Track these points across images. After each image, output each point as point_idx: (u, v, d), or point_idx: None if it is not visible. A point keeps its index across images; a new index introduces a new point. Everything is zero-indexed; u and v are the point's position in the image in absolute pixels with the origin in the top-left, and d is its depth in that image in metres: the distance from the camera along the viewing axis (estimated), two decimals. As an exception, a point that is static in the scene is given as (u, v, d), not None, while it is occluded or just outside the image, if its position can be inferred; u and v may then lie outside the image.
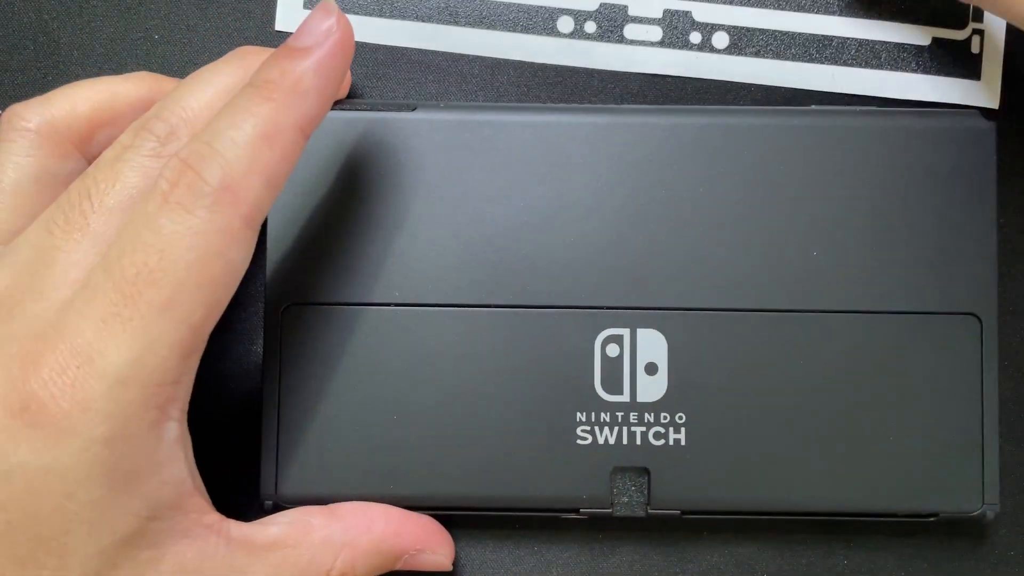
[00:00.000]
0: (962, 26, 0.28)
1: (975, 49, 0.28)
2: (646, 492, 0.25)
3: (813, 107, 0.27)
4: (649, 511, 0.25)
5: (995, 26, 0.28)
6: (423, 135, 0.26)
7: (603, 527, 0.27)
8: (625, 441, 0.25)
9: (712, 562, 0.27)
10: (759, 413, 0.25)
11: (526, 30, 0.28)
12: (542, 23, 0.28)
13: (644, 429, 0.25)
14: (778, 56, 0.28)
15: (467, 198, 0.26)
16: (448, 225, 0.26)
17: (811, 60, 0.28)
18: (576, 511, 0.26)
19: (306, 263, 0.26)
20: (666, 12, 0.28)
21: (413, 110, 0.26)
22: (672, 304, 0.26)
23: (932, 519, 0.26)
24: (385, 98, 0.28)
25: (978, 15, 0.28)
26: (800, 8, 0.28)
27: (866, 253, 0.26)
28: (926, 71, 0.28)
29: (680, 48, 0.28)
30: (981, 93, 0.28)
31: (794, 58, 0.28)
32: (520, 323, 0.26)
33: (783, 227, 0.26)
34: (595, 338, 0.26)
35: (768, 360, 0.26)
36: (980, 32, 0.28)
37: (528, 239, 0.26)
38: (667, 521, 0.26)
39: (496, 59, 0.28)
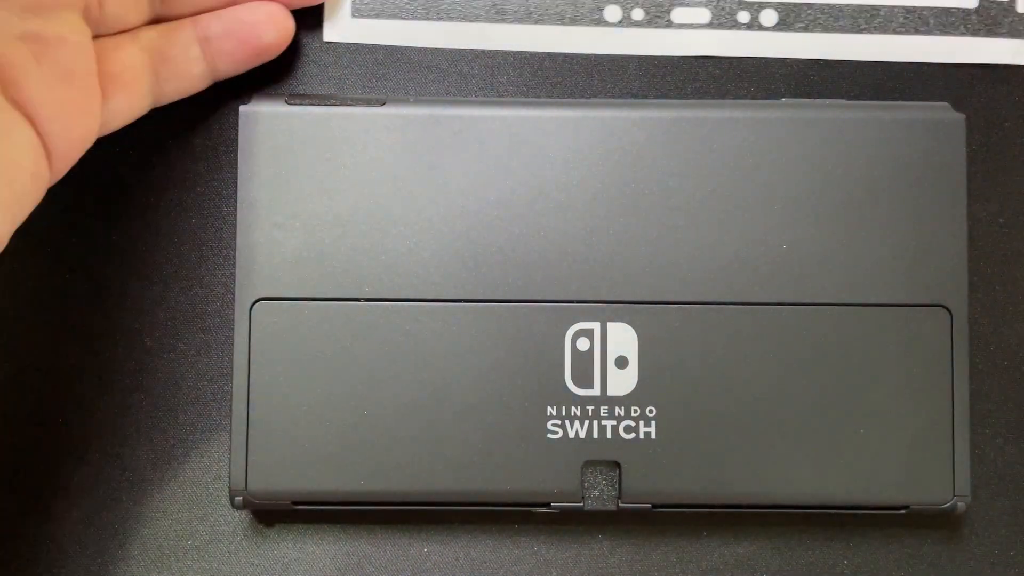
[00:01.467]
0: None
1: (1021, 8, 0.28)
2: (617, 486, 0.25)
3: (784, 100, 0.27)
4: (620, 505, 0.25)
5: None
6: (393, 129, 0.26)
7: (605, 526, 0.27)
8: (595, 435, 0.25)
9: (712, 562, 0.27)
10: (729, 406, 0.25)
11: (573, 22, 0.28)
12: (588, 14, 0.28)
13: (615, 423, 0.25)
14: (827, 29, 0.28)
15: (437, 193, 0.26)
16: (418, 220, 0.26)
17: (860, 31, 0.28)
18: (547, 505, 0.26)
19: (275, 258, 0.26)
20: None
21: (383, 104, 0.26)
22: (642, 298, 0.26)
23: (903, 511, 0.26)
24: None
25: None
26: (848, -22, 0.28)
27: (836, 246, 0.26)
28: (975, 33, 0.28)
29: (729, 28, 0.28)
30: None
31: (843, 30, 0.28)
32: (490, 317, 0.26)
33: (753, 220, 0.26)
34: (565, 332, 0.26)
35: (738, 353, 0.25)
36: None
37: (498, 234, 0.26)
38: (670, 520, 0.26)
39: (534, 53, 0.28)
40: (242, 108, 0.26)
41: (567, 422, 0.25)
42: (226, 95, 0.27)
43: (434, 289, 0.26)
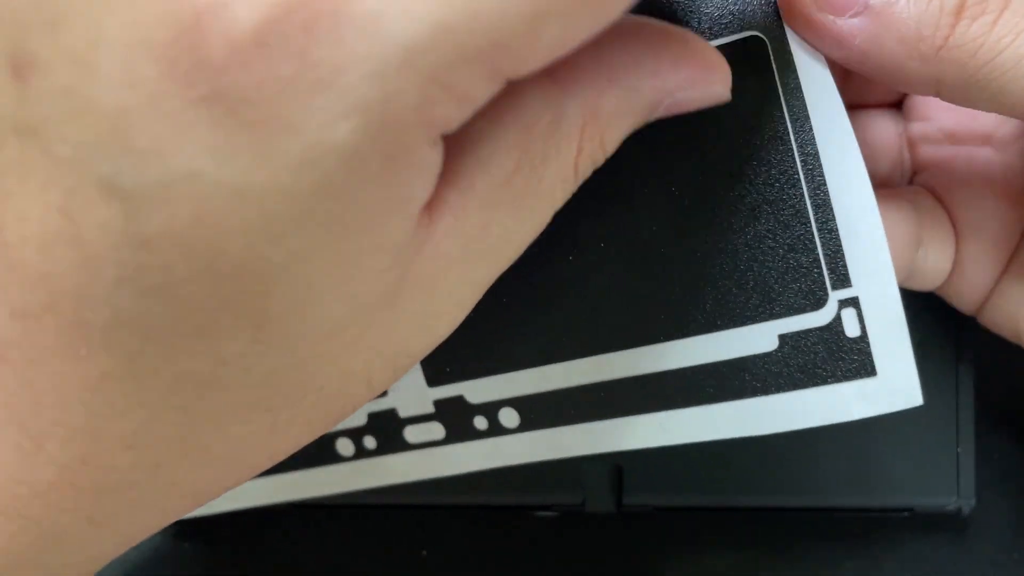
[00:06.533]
0: (820, 304, 0.19)
1: (852, 331, 0.19)
2: (618, 487, 0.25)
3: None
4: (621, 506, 0.25)
5: (875, 289, 0.18)
6: None
7: (606, 527, 0.27)
8: (596, 436, 0.25)
9: (714, 564, 0.27)
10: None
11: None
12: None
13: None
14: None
15: None
16: None
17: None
18: (548, 507, 0.25)
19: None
20: (437, 403, 0.21)
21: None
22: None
23: (907, 513, 0.26)
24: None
25: (842, 280, 0.18)
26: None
27: None
28: (791, 387, 0.19)
29: (467, 440, 0.22)
30: (884, 395, 0.19)
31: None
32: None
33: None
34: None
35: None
36: (853, 302, 0.18)
37: None
38: (671, 522, 0.26)
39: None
40: None
41: None
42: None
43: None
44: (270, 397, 0.14)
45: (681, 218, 0.19)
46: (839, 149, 0.18)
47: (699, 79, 0.16)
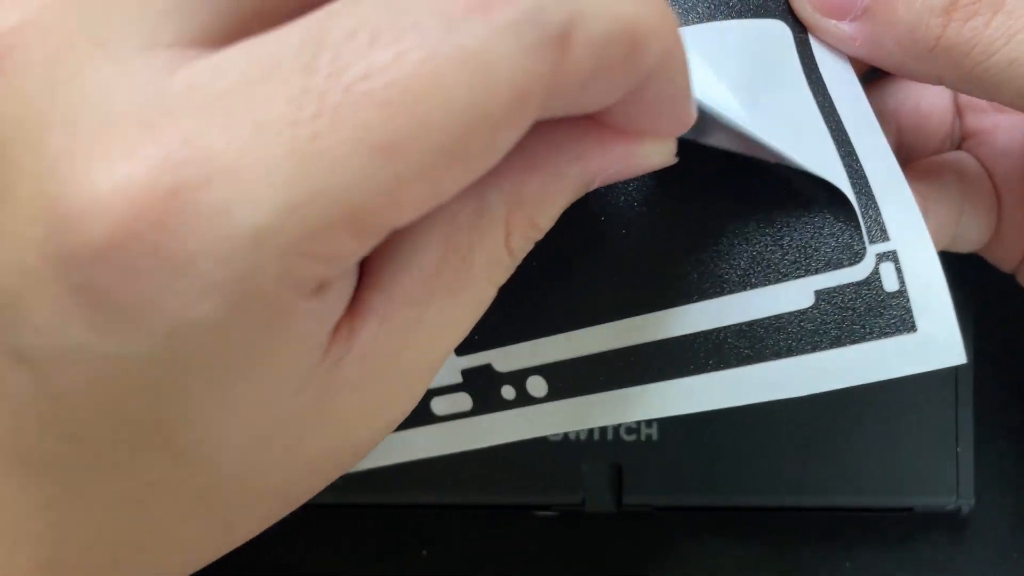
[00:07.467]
0: (858, 259, 0.18)
1: (890, 285, 0.18)
2: (618, 487, 0.25)
3: None
4: (621, 506, 0.25)
5: (914, 243, 0.18)
6: None
7: (606, 527, 0.27)
8: (596, 436, 0.25)
9: (714, 564, 0.27)
10: (732, 408, 0.25)
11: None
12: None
13: (616, 424, 0.25)
14: None
15: None
16: None
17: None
18: (548, 507, 0.25)
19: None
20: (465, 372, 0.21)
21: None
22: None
23: (906, 512, 0.26)
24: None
25: (880, 233, 0.18)
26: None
27: None
28: (827, 345, 0.18)
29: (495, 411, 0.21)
30: (926, 351, 0.18)
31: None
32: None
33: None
34: (566, 332, 0.25)
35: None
36: (891, 256, 0.18)
37: None
38: (671, 522, 0.26)
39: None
40: None
41: None
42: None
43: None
44: (210, 506, 0.15)
45: (715, 176, 0.19)
46: (865, 127, 0.18)
47: (632, 154, 0.15)
